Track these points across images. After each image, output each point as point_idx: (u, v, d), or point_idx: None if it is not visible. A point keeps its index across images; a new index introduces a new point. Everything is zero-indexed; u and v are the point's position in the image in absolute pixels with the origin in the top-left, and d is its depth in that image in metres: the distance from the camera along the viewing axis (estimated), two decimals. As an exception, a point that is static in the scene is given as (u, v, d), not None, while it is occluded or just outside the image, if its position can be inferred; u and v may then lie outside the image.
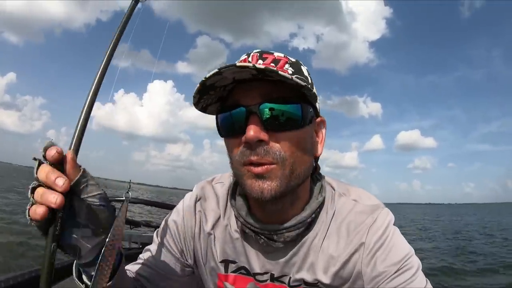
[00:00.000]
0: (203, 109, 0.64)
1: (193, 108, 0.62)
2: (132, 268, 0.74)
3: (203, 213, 0.74)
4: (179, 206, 0.79)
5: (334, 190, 0.71)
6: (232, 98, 0.61)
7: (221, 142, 0.66)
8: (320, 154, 0.67)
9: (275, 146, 0.58)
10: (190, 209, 0.76)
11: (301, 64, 0.67)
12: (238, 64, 0.53)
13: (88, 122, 0.57)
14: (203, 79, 0.56)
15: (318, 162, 0.70)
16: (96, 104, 0.59)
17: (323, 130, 0.68)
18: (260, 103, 0.58)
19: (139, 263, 0.75)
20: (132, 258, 0.72)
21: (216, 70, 0.55)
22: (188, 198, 0.78)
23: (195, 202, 0.76)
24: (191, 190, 0.80)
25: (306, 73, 0.66)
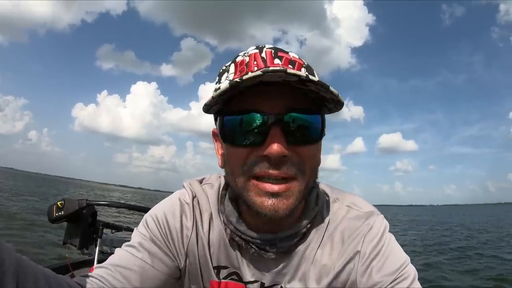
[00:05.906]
0: (207, 110, 0.58)
1: (176, 110, 0.55)
2: (101, 273, 0.58)
3: (199, 213, 0.67)
4: (172, 202, 0.68)
5: (328, 197, 0.68)
6: (246, 101, 0.54)
7: (204, 144, 0.63)
8: (320, 163, 0.62)
9: (296, 160, 0.54)
10: (188, 207, 0.67)
11: (313, 70, 0.62)
12: (289, 71, 0.47)
13: (71, 123, 0.52)
14: (238, 80, 0.49)
15: None
16: (79, 105, 0.54)
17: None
18: (284, 113, 0.53)
19: (116, 267, 0.59)
20: None
21: (260, 72, 0.47)
22: (186, 195, 0.68)
23: (192, 200, 0.68)
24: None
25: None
